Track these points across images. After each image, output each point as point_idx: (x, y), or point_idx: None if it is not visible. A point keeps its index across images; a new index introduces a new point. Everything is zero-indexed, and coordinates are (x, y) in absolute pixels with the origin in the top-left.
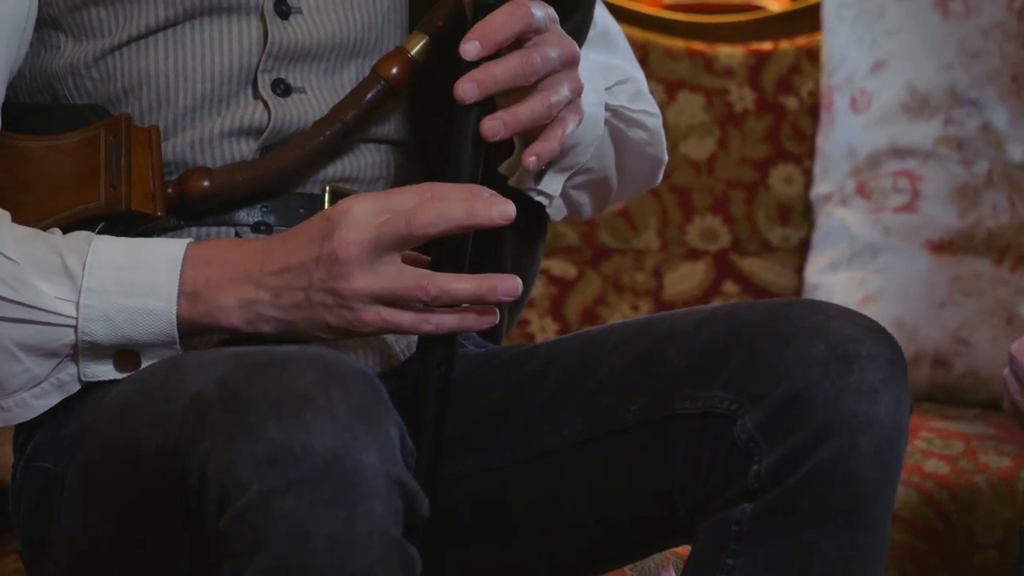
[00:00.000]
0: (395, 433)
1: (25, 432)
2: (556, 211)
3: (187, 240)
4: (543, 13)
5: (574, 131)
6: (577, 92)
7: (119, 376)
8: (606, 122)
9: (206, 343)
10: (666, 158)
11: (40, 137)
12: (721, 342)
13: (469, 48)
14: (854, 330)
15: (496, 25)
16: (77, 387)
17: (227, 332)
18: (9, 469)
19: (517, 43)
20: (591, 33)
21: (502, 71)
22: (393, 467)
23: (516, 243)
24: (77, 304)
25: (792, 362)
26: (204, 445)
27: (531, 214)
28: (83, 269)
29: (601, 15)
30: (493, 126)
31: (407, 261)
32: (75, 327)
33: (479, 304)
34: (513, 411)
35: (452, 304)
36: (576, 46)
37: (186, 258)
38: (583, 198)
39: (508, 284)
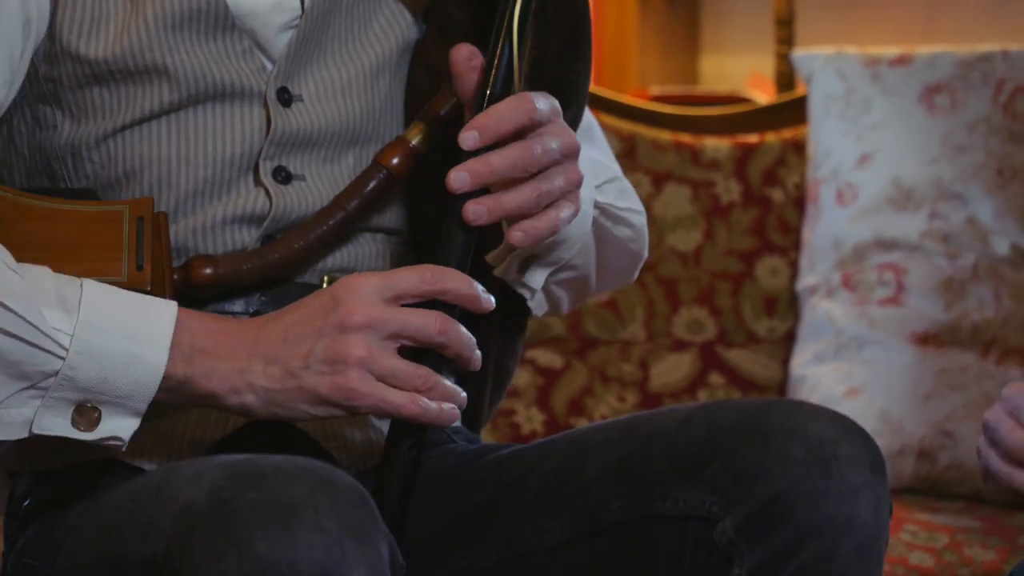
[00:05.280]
0: (384, 549)
1: (16, 524)
2: (537, 306)
3: (175, 303)
4: (547, 106)
5: (569, 220)
6: (574, 184)
7: (73, 434)
8: (594, 219)
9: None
10: (646, 254)
11: (43, 197)
12: (702, 443)
13: (467, 137)
14: (832, 431)
15: (498, 116)
16: (25, 434)
17: (206, 398)
18: None
19: (519, 135)
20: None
21: (499, 161)
22: None
23: (498, 336)
24: (72, 336)
25: (771, 464)
26: (193, 558)
27: (513, 308)
28: (79, 304)
29: (584, 110)
30: (476, 210)
31: None
32: (63, 358)
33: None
34: (500, 512)
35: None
36: (576, 139)
37: (180, 317)
38: (562, 294)
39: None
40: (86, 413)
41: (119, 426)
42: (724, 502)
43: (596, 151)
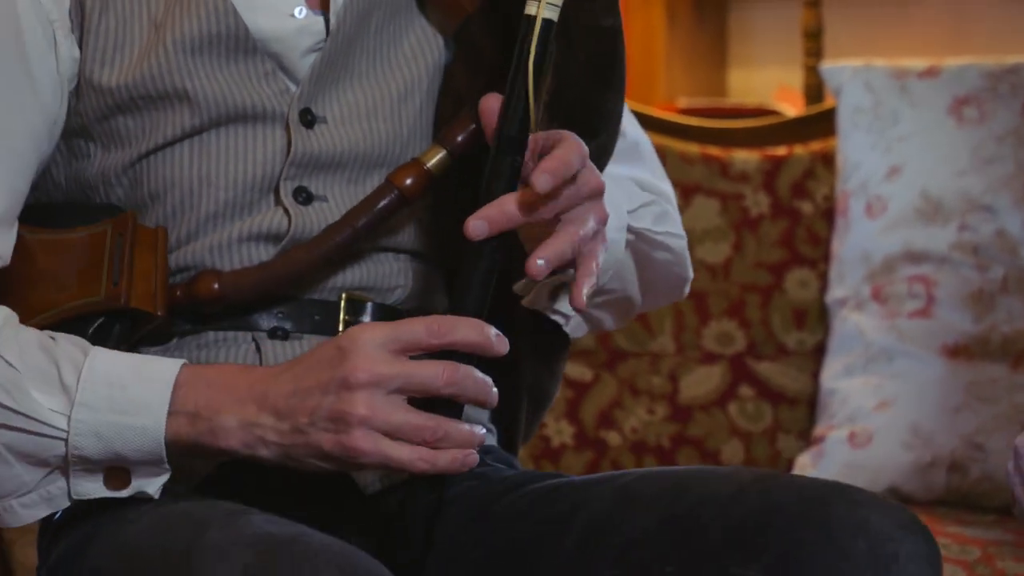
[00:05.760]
0: None
1: (48, 537)
2: (575, 329)
3: (182, 361)
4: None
5: (602, 259)
6: (602, 223)
7: (108, 494)
8: (629, 243)
9: (200, 468)
10: (691, 275)
11: (45, 230)
12: (757, 518)
13: (542, 181)
14: (894, 529)
15: (568, 161)
16: (66, 503)
17: (224, 455)
18: (33, 572)
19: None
20: (620, 145)
21: (517, 208)
22: None
23: (535, 361)
24: (69, 418)
25: (833, 557)
26: None
27: (550, 331)
28: (77, 382)
29: (632, 128)
30: (539, 266)
31: None
32: (66, 440)
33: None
34: (544, 551)
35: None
36: (600, 178)
37: (182, 378)
38: (603, 315)
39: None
40: (116, 474)
41: (148, 483)
42: None
43: (640, 170)
